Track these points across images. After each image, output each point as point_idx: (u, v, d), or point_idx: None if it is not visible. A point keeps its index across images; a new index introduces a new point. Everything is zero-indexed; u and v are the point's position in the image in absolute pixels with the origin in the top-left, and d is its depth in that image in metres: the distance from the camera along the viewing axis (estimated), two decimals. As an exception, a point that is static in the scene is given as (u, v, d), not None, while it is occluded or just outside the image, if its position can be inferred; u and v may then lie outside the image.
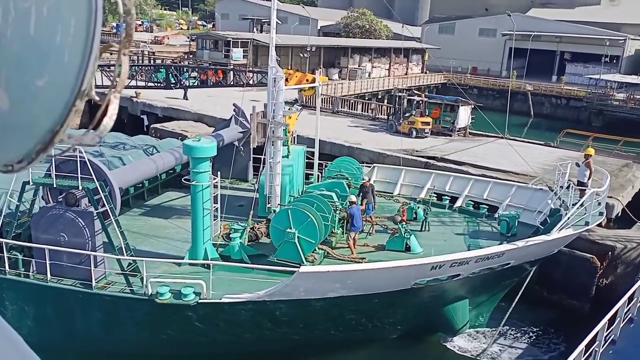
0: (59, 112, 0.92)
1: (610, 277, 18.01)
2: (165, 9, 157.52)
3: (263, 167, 17.09)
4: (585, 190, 15.61)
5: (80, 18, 0.87)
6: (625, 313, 13.03)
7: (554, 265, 17.65)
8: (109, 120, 1.02)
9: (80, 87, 0.92)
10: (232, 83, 29.30)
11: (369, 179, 17.93)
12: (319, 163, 20.12)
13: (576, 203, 14.83)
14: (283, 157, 16.90)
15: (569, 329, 16.55)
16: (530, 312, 17.09)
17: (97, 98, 1.03)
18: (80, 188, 12.31)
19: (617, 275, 17.93)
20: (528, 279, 15.23)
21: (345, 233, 15.37)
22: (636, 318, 13.58)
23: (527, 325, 17.00)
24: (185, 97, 37.69)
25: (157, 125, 31.27)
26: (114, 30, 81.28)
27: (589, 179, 16.15)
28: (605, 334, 11.65)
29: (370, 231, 16.28)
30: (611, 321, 12.06)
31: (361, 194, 16.50)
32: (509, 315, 14.43)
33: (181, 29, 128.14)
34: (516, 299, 14.33)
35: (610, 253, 18.04)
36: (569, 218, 14.29)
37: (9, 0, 0.80)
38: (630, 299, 13.35)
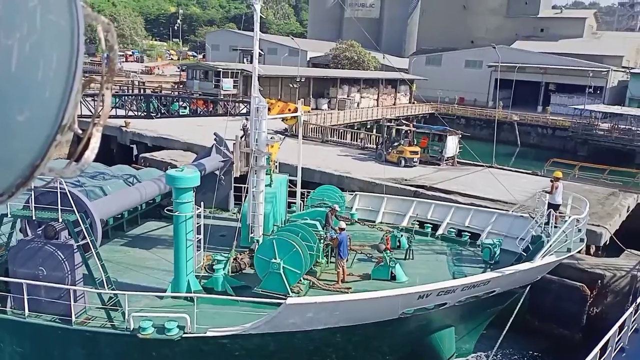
0: (39, 147, 0.90)
1: (600, 305, 17.85)
2: (156, 40, 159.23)
3: (245, 196, 16.89)
4: (556, 209, 15.42)
5: (62, 54, 0.85)
6: (617, 342, 12.82)
7: (544, 293, 17.49)
8: (90, 153, 1.00)
9: (61, 122, 0.90)
10: (222, 113, 29.46)
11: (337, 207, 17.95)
12: (301, 192, 19.98)
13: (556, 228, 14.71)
14: (265, 185, 16.76)
15: (561, 358, 16.29)
16: (521, 341, 16.88)
17: (79, 131, 1.01)
18: (60, 220, 12.02)
19: (607, 303, 17.78)
20: (518, 307, 15.01)
21: (332, 262, 15.15)
22: (627, 347, 13.35)
23: (518, 354, 16.76)
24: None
25: (147, 155, 31.08)
26: (106, 62, 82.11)
27: (551, 192, 15.78)
28: (596, 365, 11.43)
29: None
30: (602, 350, 11.84)
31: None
32: (500, 344, 14.18)
33: (171, 59, 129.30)
34: (507, 327, 14.11)
35: (599, 281, 17.92)
36: (551, 245, 14.25)
37: None
38: (621, 327, 13.15)
